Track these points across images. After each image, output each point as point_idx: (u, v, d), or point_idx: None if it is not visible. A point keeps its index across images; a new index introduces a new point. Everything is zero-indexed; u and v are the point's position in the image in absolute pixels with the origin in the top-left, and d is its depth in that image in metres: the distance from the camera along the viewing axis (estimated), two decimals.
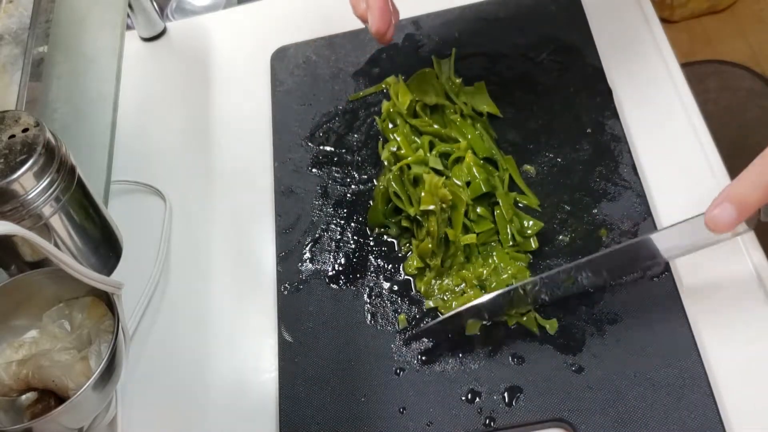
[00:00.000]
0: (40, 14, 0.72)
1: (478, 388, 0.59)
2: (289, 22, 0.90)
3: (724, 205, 0.52)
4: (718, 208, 0.52)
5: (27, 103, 0.66)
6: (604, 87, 0.73)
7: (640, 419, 0.55)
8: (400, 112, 0.75)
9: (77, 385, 0.56)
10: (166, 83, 0.90)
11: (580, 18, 0.78)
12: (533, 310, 0.62)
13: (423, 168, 0.69)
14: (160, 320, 0.71)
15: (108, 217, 0.67)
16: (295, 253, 0.70)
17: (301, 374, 0.63)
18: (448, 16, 0.83)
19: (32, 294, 0.61)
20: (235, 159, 0.81)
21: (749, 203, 0.52)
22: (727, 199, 0.52)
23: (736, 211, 0.52)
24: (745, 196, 0.52)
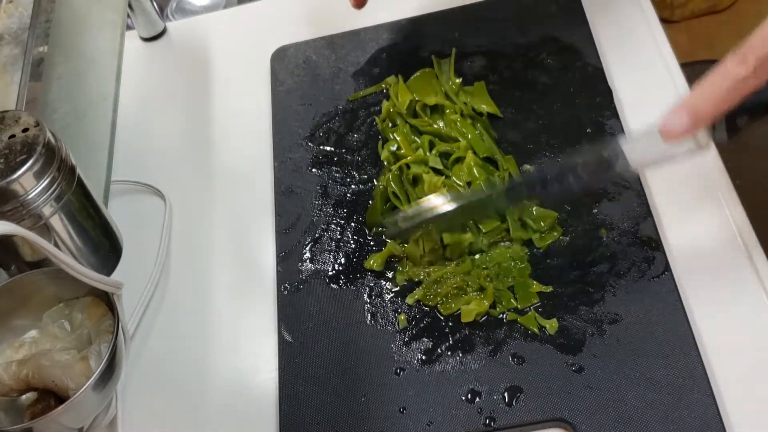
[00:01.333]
0: (40, 14, 0.72)
1: (478, 388, 0.59)
2: (289, 22, 0.90)
3: (678, 113, 0.53)
4: (673, 117, 0.53)
5: (27, 103, 0.66)
6: (604, 87, 0.73)
7: (640, 419, 0.55)
8: (400, 112, 0.75)
9: (77, 385, 0.56)
10: (166, 83, 0.90)
11: (580, 18, 0.78)
12: (532, 309, 0.62)
13: (422, 167, 0.69)
14: (160, 320, 0.71)
15: (108, 217, 0.67)
16: (295, 253, 0.70)
17: (301, 374, 0.63)
18: (448, 16, 0.83)
19: (32, 294, 0.61)
20: (235, 159, 0.81)
21: (702, 112, 0.52)
22: (682, 108, 0.53)
23: (688, 119, 0.52)
24: (698, 106, 0.52)
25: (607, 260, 0.63)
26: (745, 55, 0.50)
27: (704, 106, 0.52)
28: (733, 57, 0.51)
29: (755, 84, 0.51)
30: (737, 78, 0.50)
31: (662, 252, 0.62)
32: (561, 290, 0.62)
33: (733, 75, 0.51)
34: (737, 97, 0.51)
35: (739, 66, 0.50)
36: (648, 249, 0.63)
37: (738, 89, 0.51)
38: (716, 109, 0.52)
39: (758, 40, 0.50)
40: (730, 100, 0.52)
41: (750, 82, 0.50)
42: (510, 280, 0.64)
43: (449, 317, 0.63)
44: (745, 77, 0.50)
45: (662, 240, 0.63)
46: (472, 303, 0.63)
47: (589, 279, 0.62)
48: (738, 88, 0.51)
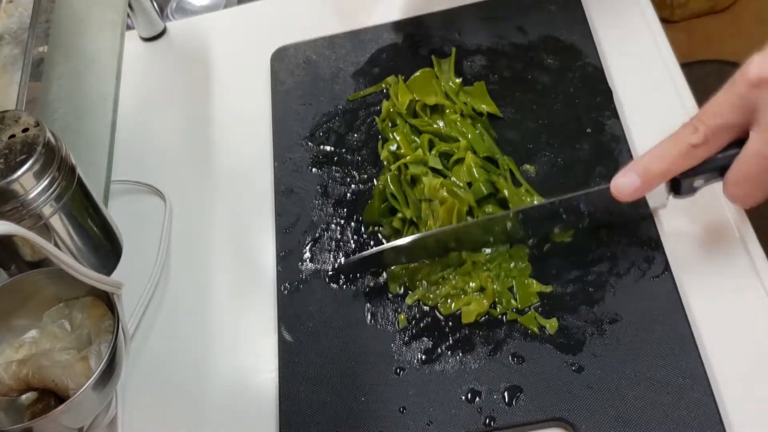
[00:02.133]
0: (40, 14, 0.72)
1: (478, 387, 0.59)
2: (289, 22, 0.90)
3: (628, 174, 0.56)
4: (623, 177, 0.56)
5: (27, 103, 0.66)
6: (604, 87, 0.73)
7: (640, 419, 0.55)
8: (399, 112, 0.75)
9: (77, 385, 0.56)
10: (166, 83, 0.90)
11: (580, 18, 0.78)
12: (532, 309, 0.62)
13: (421, 168, 0.69)
14: (160, 320, 0.71)
15: (108, 217, 0.67)
16: (295, 253, 0.70)
17: (301, 374, 0.63)
18: (448, 16, 0.83)
19: (32, 294, 0.61)
20: (235, 159, 0.81)
21: (652, 174, 0.55)
22: (632, 169, 0.55)
23: (639, 179, 0.55)
24: (649, 167, 0.55)
25: (607, 260, 0.63)
26: (696, 125, 0.53)
27: (655, 169, 0.55)
28: (687, 125, 0.54)
29: (706, 152, 0.54)
30: (689, 145, 0.53)
31: (662, 252, 0.62)
32: (561, 290, 0.62)
33: (685, 142, 0.53)
34: (688, 163, 0.54)
35: (691, 134, 0.53)
36: (648, 249, 0.63)
37: (689, 156, 0.54)
38: (666, 172, 0.55)
39: (709, 112, 0.52)
40: (680, 164, 0.54)
41: (701, 150, 0.54)
42: (510, 280, 0.64)
43: (449, 317, 0.63)
44: (696, 146, 0.53)
45: (662, 240, 0.63)
46: (473, 303, 0.63)
47: (589, 279, 0.62)
48: (689, 155, 0.54)
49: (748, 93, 0.51)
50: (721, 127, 0.52)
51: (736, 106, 0.52)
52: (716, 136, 0.53)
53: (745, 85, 0.51)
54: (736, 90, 0.51)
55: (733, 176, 0.53)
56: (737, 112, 0.52)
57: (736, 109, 0.52)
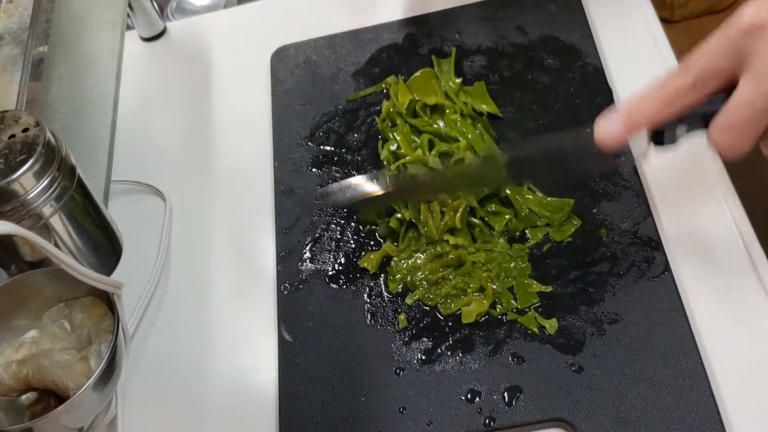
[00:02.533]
0: (40, 14, 0.72)
1: (478, 387, 0.59)
2: (289, 22, 0.90)
3: (611, 117, 0.54)
4: (606, 120, 0.54)
5: (27, 103, 0.66)
6: (604, 87, 0.73)
7: (640, 419, 0.55)
8: (399, 112, 0.75)
9: (77, 385, 0.56)
10: (166, 83, 0.90)
11: (580, 18, 0.78)
12: (532, 309, 0.62)
13: (420, 168, 0.69)
14: (160, 320, 0.71)
15: (108, 217, 0.67)
16: (295, 253, 0.70)
17: (301, 374, 0.63)
18: (448, 16, 0.83)
19: (32, 294, 0.61)
20: (235, 159, 0.81)
21: (636, 118, 0.53)
22: (617, 113, 0.54)
23: (623, 124, 0.54)
24: (634, 111, 0.53)
25: (607, 260, 0.63)
26: (686, 68, 0.52)
27: (639, 113, 0.53)
28: (675, 69, 0.52)
29: (693, 98, 0.52)
30: (676, 89, 0.52)
31: (662, 252, 0.62)
32: (561, 290, 0.62)
33: (672, 86, 0.52)
34: (673, 109, 0.53)
35: (679, 78, 0.52)
36: (648, 249, 0.63)
37: (675, 101, 0.52)
38: (651, 117, 0.53)
39: (699, 57, 0.51)
40: (666, 110, 0.53)
41: (687, 95, 0.52)
42: (510, 281, 0.64)
43: (449, 317, 0.63)
44: (683, 90, 0.52)
45: (662, 240, 0.63)
46: (473, 303, 0.63)
47: (589, 279, 0.62)
48: (675, 100, 0.52)
49: (740, 39, 0.49)
50: (710, 72, 0.51)
51: (727, 51, 0.50)
52: (704, 81, 0.51)
53: (738, 30, 0.49)
54: (728, 36, 0.50)
55: (719, 123, 0.51)
56: (728, 58, 0.50)
57: (726, 55, 0.50)
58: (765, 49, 0.48)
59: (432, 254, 0.66)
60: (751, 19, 0.49)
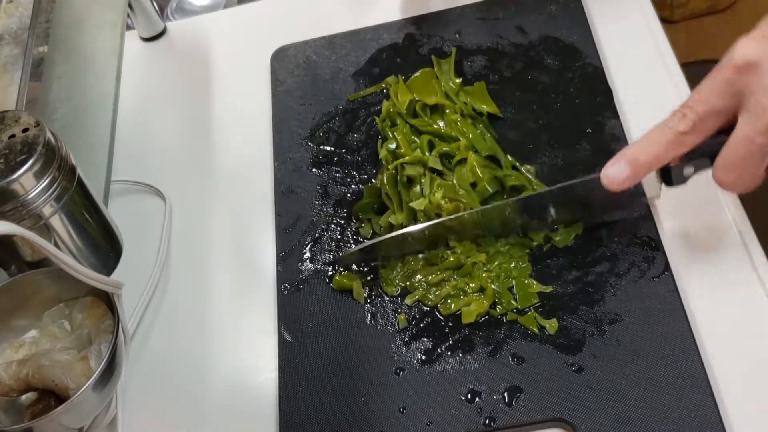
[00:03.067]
0: (40, 14, 0.72)
1: (478, 388, 0.59)
2: (289, 22, 0.90)
3: (618, 163, 0.56)
4: (613, 166, 0.56)
5: (27, 103, 0.66)
6: (604, 87, 0.73)
7: (640, 419, 0.55)
8: (399, 112, 0.75)
9: (77, 385, 0.56)
10: (166, 83, 0.90)
11: (580, 18, 0.78)
12: (532, 309, 0.62)
13: (418, 168, 0.69)
14: (160, 320, 0.71)
15: (108, 217, 0.67)
16: (295, 253, 0.70)
17: (301, 374, 0.63)
18: (448, 16, 0.83)
19: (32, 294, 0.61)
20: (235, 159, 0.81)
21: (641, 162, 0.55)
22: (622, 158, 0.56)
23: (629, 168, 0.56)
24: (638, 156, 0.55)
25: (607, 260, 0.63)
26: (684, 112, 0.53)
27: (644, 158, 0.55)
28: (675, 112, 0.54)
29: (694, 139, 0.54)
30: (677, 132, 0.53)
31: (662, 252, 0.62)
32: (561, 290, 0.62)
33: (673, 130, 0.53)
34: (677, 151, 0.54)
35: (679, 121, 0.53)
36: (648, 249, 0.63)
37: (678, 143, 0.54)
38: (655, 160, 0.55)
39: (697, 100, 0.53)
40: (669, 152, 0.55)
41: (689, 137, 0.53)
42: (510, 281, 0.64)
43: (449, 317, 0.63)
44: (685, 132, 0.53)
45: (662, 240, 0.63)
46: (473, 304, 0.63)
47: (589, 279, 0.62)
48: (678, 142, 0.54)
49: (734, 78, 0.50)
50: (708, 113, 0.52)
51: (723, 91, 0.51)
52: (704, 122, 0.52)
53: (731, 69, 0.50)
54: (722, 75, 0.51)
55: (722, 162, 0.53)
56: (724, 98, 0.51)
57: (723, 95, 0.51)
58: (758, 87, 0.49)
59: (428, 259, 0.66)
60: (742, 57, 0.50)
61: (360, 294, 0.66)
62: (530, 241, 0.65)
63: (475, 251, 0.65)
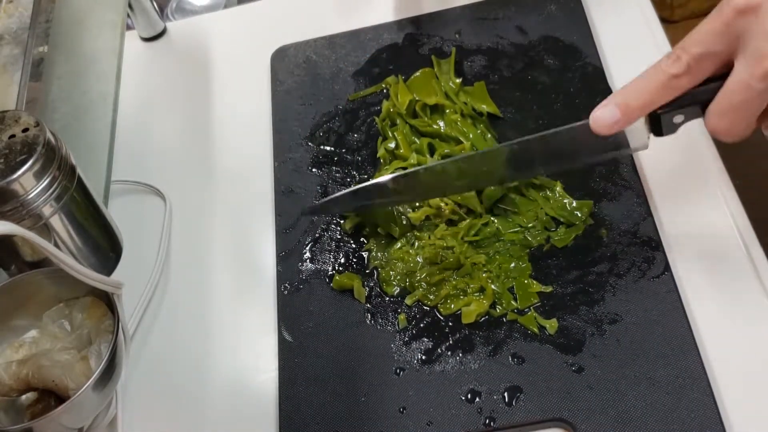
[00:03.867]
0: (40, 14, 0.72)
1: (478, 388, 0.59)
2: (289, 22, 0.90)
3: (608, 106, 0.54)
4: (603, 108, 0.54)
5: (27, 103, 0.66)
6: (604, 87, 0.73)
7: (640, 419, 0.55)
8: (400, 113, 0.75)
9: (77, 385, 0.56)
10: (166, 83, 0.90)
11: (580, 18, 0.78)
12: (532, 309, 0.62)
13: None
14: (160, 320, 0.71)
15: (108, 217, 0.67)
16: (295, 253, 0.70)
17: (301, 374, 0.63)
18: (448, 16, 0.83)
19: (32, 294, 0.61)
20: (235, 159, 0.81)
21: (632, 106, 0.53)
22: (612, 101, 0.54)
23: (619, 112, 0.53)
24: (629, 99, 0.53)
25: (607, 260, 0.63)
26: (679, 54, 0.51)
27: (635, 101, 0.53)
28: (669, 55, 0.52)
29: (688, 82, 0.52)
30: (670, 75, 0.51)
31: (662, 252, 0.62)
32: (561, 290, 0.62)
33: (666, 72, 0.52)
34: (669, 95, 0.52)
35: (673, 64, 0.51)
36: (648, 249, 0.63)
37: (671, 86, 0.52)
38: (647, 104, 0.53)
39: (692, 40, 0.51)
40: (661, 96, 0.53)
41: (683, 80, 0.52)
42: (510, 281, 0.64)
43: (449, 317, 0.63)
44: (678, 75, 0.51)
45: (662, 240, 0.63)
46: (473, 304, 0.63)
47: (589, 279, 0.62)
48: (671, 86, 0.52)
49: (734, 20, 0.49)
50: (704, 55, 0.50)
51: (720, 33, 0.50)
52: (699, 65, 0.51)
53: (731, 12, 0.49)
54: (722, 17, 0.50)
55: (716, 107, 0.51)
56: (722, 40, 0.50)
57: (720, 37, 0.50)
58: (758, 30, 0.48)
59: (428, 258, 0.66)
60: (744, 0, 0.49)
61: (361, 293, 0.66)
62: (530, 241, 0.65)
63: (473, 252, 0.65)
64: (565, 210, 0.66)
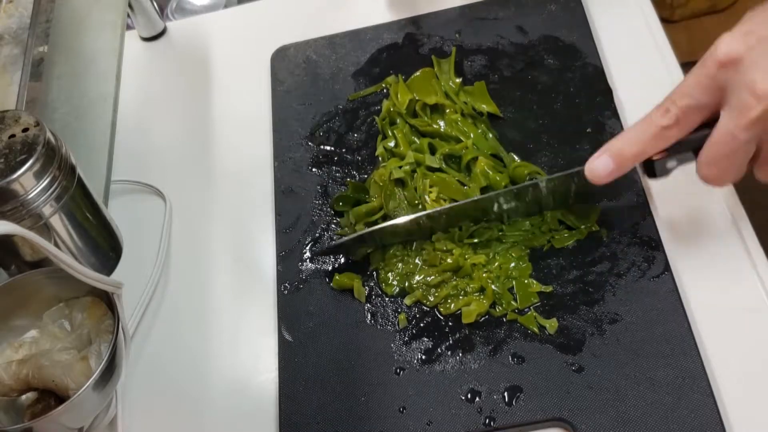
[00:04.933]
0: (40, 14, 0.72)
1: (478, 387, 0.59)
2: (289, 22, 0.90)
3: (602, 157, 0.56)
4: (597, 159, 0.57)
5: (27, 103, 0.66)
6: (604, 87, 0.73)
7: (640, 419, 0.55)
8: (400, 112, 0.75)
9: (77, 385, 0.56)
10: (166, 83, 0.90)
11: (580, 18, 0.78)
12: (532, 309, 0.62)
13: (407, 169, 0.69)
14: (160, 320, 0.71)
15: (108, 217, 0.67)
16: (295, 253, 0.70)
17: (301, 374, 0.63)
18: (448, 16, 0.83)
19: (32, 294, 0.61)
20: (235, 159, 0.81)
21: (625, 156, 0.56)
22: (606, 152, 0.56)
23: (613, 162, 0.56)
24: (622, 150, 0.56)
25: (607, 260, 0.63)
26: (668, 107, 0.54)
27: (628, 152, 0.56)
28: (658, 107, 0.54)
29: (678, 133, 0.54)
30: (660, 127, 0.54)
31: (662, 252, 0.62)
32: (561, 290, 0.62)
33: (656, 124, 0.54)
34: (660, 145, 0.55)
35: (662, 116, 0.54)
36: (648, 249, 0.63)
37: (661, 137, 0.54)
38: (639, 154, 0.56)
39: (679, 93, 0.53)
40: (653, 147, 0.55)
41: (673, 131, 0.54)
42: (510, 281, 0.64)
43: (449, 317, 0.63)
44: (668, 126, 0.53)
45: (662, 240, 0.63)
46: (473, 303, 0.63)
47: (589, 279, 0.62)
48: (661, 137, 0.54)
49: (717, 73, 0.50)
50: (691, 107, 0.52)
51: (705, 86, 0.51)
52: (687, 117, 0.53)
53: (714, 65, 0.50)
54: (705, 71, 0.51)
55: (705, 157, 0.53)
56: (707, 93, 0.52)
57: (706, 90, 0.51)
58: (741, 82, 0.49)
59: (427, 261, 0.66)
60: (725, 53, 0.50)
61: (361, 293, 0.66)
62: (530, 241, 0.65)
63: (472, 252, 0.65)
64: (572, 214, 0.65)
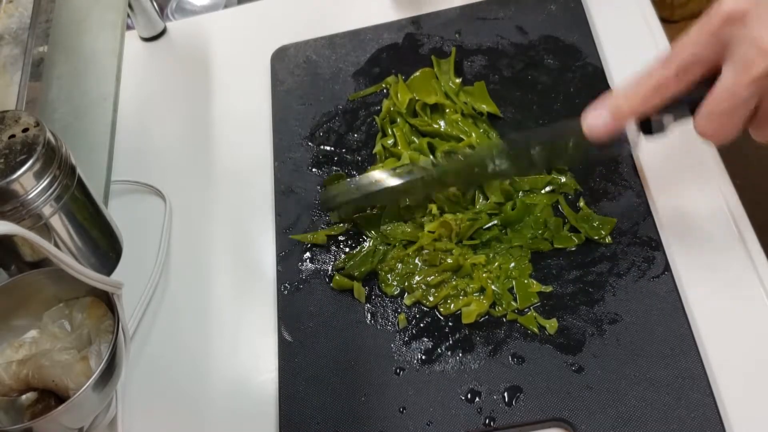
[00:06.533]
0: (40, 14, 0.72)
1: (478, 387, 0.59)
2: (289, 22, 0.90)
3: (599, 111, 0.56)
4: (594, 113, 0.56)
5: (27, 103, 0.66)
6: (604, 87, 0.73)
7: (640, 419, 0.55)
8: (400, 112, 0.75)
9: (77, 385, 0.56)
10: (166, 83, 0.90)
11: (580, 18, 0.78)
12: (532, 309, 0.62)
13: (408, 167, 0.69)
14: (160, 320, 0.71)
15: (108, 217, 0.67)
16: (295, 253, 0.70)
17: (301, 374, 0.63)
18: (448, 16, 0.83)
19: (32, 294, 0.61)
20: (235, 159, 0.81)
21: (623, 111, 0.55)
22: (603, 106, 0.55)
23: (610, 117, 0.55)
24: (620, 105, 0.55)
25: (607, 260, 0.63)
26: (669, 59, 0.53)
27: (626, 106, 0.54)
28: (658, 60, 0.53)
29: (676, 87, 0.53)
30: (660, 80, 0.53)
31: (662, 252, 0.62)
32: (561, 290, 0.62)
33: (656, 77, 0.53)
34: (658, 99, 0.54)
35: (662, 69, 0.53)
36: (648, 249, 0.63)
37: (660, 91, 0.53)
38: (637, 108, 0.54)
39: (682, 47, 0.52)
40: (651, 101, 0.54)
41: (671, 85, 0.53)
42: (510, 281, 0.64)
43: (449, 317, 0.63)
44: (667, 80, 0.52)
45: (662, 240, 0.63)
46: (473, 304, 0.63)
47: (589, 279, 0.62)
48: (660, 91, 0.53)
49: (721, 28, 0.50)
50: (692, 61, 0.52)
51: (708, 41, 0.51)
52: (687, 70, 0.52)
53: (719, 19, 0.50)
54: (709, 25, 0.51)
55: (703, 112, 0.52)
56: (710, 47, 0.51)
57: (708, 44, 0.51)
58: (745, 38, 0.49)
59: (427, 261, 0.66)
60: (731, 7, 0.49)
61: (361, 293, 0.66)
62: (531, 243, 0.65)
63: (471, 252, 0.65)
64: (586, 223, 0.65)
